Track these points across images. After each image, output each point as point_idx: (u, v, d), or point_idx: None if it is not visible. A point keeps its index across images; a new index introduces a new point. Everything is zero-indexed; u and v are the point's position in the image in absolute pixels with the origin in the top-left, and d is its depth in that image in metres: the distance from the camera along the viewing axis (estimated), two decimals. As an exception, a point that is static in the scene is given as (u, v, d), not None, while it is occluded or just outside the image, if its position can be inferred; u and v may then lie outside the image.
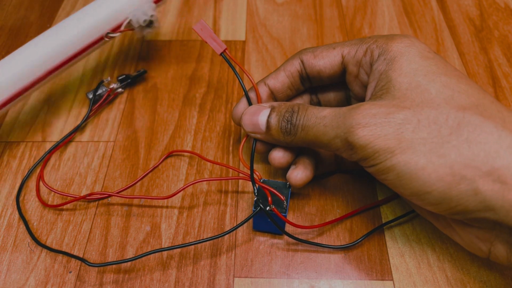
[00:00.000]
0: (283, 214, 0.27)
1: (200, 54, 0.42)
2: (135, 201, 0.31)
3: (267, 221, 0.27)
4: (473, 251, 0.25)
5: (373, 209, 0.31)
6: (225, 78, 0.40)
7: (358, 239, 0.28)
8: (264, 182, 0.28)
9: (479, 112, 0.22)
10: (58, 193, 0.31)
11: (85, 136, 0.35)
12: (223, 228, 0.30)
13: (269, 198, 0.27)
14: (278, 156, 0.29)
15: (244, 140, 0.30)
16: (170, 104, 0.38)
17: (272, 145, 0.29)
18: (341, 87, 0.31)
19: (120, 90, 0.38)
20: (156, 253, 0.28)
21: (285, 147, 0.29)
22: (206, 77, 0.40)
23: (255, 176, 0.28)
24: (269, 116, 0.28)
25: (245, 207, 0.31)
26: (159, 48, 0.43)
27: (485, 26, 0.45)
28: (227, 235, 0.29)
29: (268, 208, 0.27)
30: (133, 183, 0.32)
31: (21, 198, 0.31)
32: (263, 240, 0.29)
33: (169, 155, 0.34)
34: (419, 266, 0.28)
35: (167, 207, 0.31)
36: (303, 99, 0.32)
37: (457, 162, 0.21)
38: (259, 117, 0.28)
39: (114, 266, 0.28)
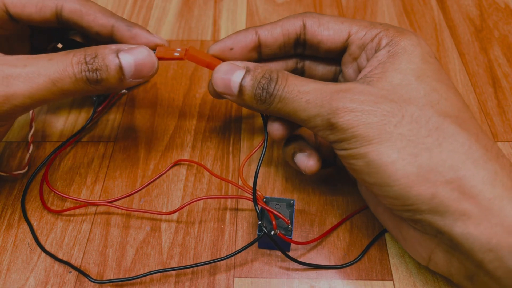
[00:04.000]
0: (289, 236, 0.26)
1: (200, 54, 0.42)
2: (135, 201, 0.31)
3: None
4: (415, 257, 0.26)
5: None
6: (225, 78, 0.40)
7: (360, 254, 0.28)
8: (267, 200, 0.28)
9: (458, 123, 0.23)
10: (65, 197, 0.31)
11: (85, 136, 0.35)
12: (223, 228, 0.30)
13: (274, 222, 0.26)
14: (275, 127, 0.28)
15: (246, 159, 0.29)
16: (170, 104, 0.38)
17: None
18: (332, 62, 0.30)
19: (124, 91, 0.38)
20: (156, 253, 0.28)
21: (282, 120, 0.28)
22: (206, 77, 0.40)
23: (257, 195, 0.27)
24: (242, 79, 0.25)
25: (245, 207, 0.31)
26: (159, 48, 0.43)
27: (485, 26, 0.45)
28: (227, 235, 0.29)
29: (273, 232, 0.26)
30: (136, 190, 0.32)
31: (21, 199, 0.31)
32: (263, 240, 0.29)
33: (176, 164, 0.33)
34: (419, 266, 0.28)
35: (167, 206, 0.31)
36: (288, 64, 0.30)
37: (425, 164, 0.22)
38: (231, 77, 0.26)
39: (114, 265, 0.28)
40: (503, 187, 0.21)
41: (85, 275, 0.27)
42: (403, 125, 0.22)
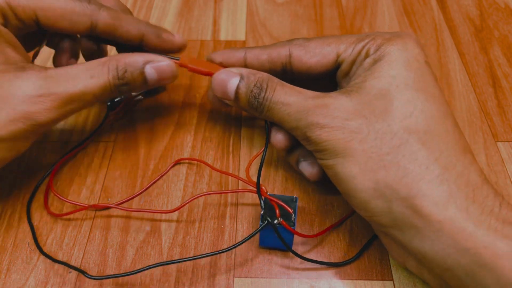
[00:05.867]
0: (292, 227, 0.26)
1: (200, 54, 0.42)
2: (135, 201, 0.31)
3: (275, 236, 0.26)
4: (395, 259, 0.27)
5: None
6: (225, 78, 0.40)
7: (359, 252, 0.28)
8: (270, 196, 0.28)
9: (422, 140, 0.23)
10: (69, 202, 0.31)
11: (85, 136, 0.35)
12: (223, 228, 0.30)
13: (277, 211, 0.26)
14: (278, 139, 0.29)
15: (253, 158, 0.30)
16: (170, 103, 0.38)
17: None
18: (326, 82, 0.30)
19: (139, 97, 0.37)
20: (156, 253, 0.28)
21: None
22: (206, 77, 0.40)
23: (261, 188, 0.27)
24: (237, 86, 0.27)
25: (245, 208, 0.31)
26: (159, 48, 0.43)
27: (485, 26, 0.45)
28: (227, 235, 0.29)
29: (276, 221, 0.26)
30: (137, 193, 0.32)
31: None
32: (263, 240, 0.29)
33: (177, 163, 0.33)
34: (419, 266, 0.28)
35: (167, 206, 0.31)
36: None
37: (382, 180, 0.23)
38: (228, 84, 0.28)
39: (114, 265, 0.28)
40: (457, 209, 0.21)
41: (82, 272, 0.27)
42: (367, 141, 0.24)
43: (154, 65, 0.29)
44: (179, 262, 0.27)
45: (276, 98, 0.26)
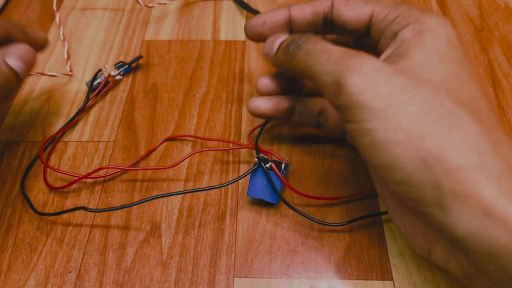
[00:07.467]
0: (282, 174, 0.28)
1: (200, 54, 0.42)
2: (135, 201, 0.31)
3: (264, 185, 0.28)
4: (415, 248, 0.25)
5: (372, 200, 0.31)
6: (225, 78, 0.40)
7: (354, 219, 0.29)
8: (263, 157, 0.30)
9: (472, 112, 0.22)
10: (62, 173, 0.32)
11: (85, 136, 0.35)
12: (223, 228, 0.30)
13: (270, 158, 0.29)
14: (264, 82, 0.30)
15: (254, 129, 0.32)
16: (170, 104, 0.38)
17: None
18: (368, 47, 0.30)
19: (119, 77, 0.39)
20: (156, 254, 0.28)
21: (276, 78, 0.30)
22: (206, 77, 0.40)
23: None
24: (283, 40, 0.28)
25: (245, 207, 0.31)
26: (159, 48, 0.43)
27: (485, 26, 0.45)
28: (227, 235, 0.29)
29: (267, 165, 0.27)
30: (136, 160, 0.33)
31: (21, 199, 0.31)
32: (263, 240, 0.29)
33: (166, 140, 0.35)
34: (419, 266, 0.28)
35: (167, 205, 0.31)
36: None
37: (432, 149, 0.20)
38: (277, 40, 0.28)
39: (114, 265, 0.28)
40: (509, 187, 0.20)
41: (83, 208, 0.28)
42: (413, 104, 0.21)
43: (15, 55, 0.29)
44: (192, 192, 0.29)
45: (320, 42, 0.25)
